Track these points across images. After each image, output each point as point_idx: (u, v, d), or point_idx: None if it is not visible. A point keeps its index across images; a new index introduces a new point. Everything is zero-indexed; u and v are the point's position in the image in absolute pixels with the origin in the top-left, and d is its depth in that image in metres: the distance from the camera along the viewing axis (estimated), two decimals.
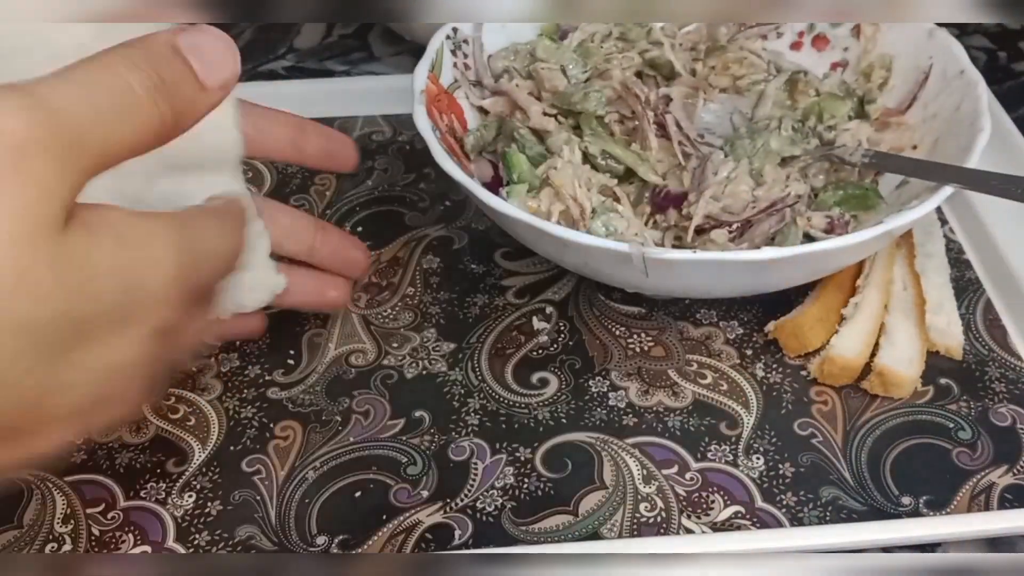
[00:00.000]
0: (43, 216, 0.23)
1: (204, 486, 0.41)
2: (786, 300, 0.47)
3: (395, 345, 0.47)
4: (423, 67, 0.49)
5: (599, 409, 0.43)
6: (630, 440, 0.42)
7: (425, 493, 0.40)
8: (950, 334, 0.45)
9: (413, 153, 0.58)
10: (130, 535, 0.39)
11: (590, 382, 0.45)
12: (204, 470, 0.41)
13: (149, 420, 0.43)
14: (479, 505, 0.40)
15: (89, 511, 0.40)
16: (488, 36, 0.53)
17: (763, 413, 0.43)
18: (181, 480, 0.41)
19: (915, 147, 0.50)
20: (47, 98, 0.23)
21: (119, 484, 0.41)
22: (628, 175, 0.48)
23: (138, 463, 0.41)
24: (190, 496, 0.40)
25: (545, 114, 0.49)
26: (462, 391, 0.45)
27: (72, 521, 0.39)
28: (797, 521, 0.39)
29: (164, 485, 0.41)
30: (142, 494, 0.40)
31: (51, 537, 0.39)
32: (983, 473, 0.40)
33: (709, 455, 0.42)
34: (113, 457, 0.42)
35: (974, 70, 0.48)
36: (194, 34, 0.27)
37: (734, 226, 0.44)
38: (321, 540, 0.39)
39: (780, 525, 0.39)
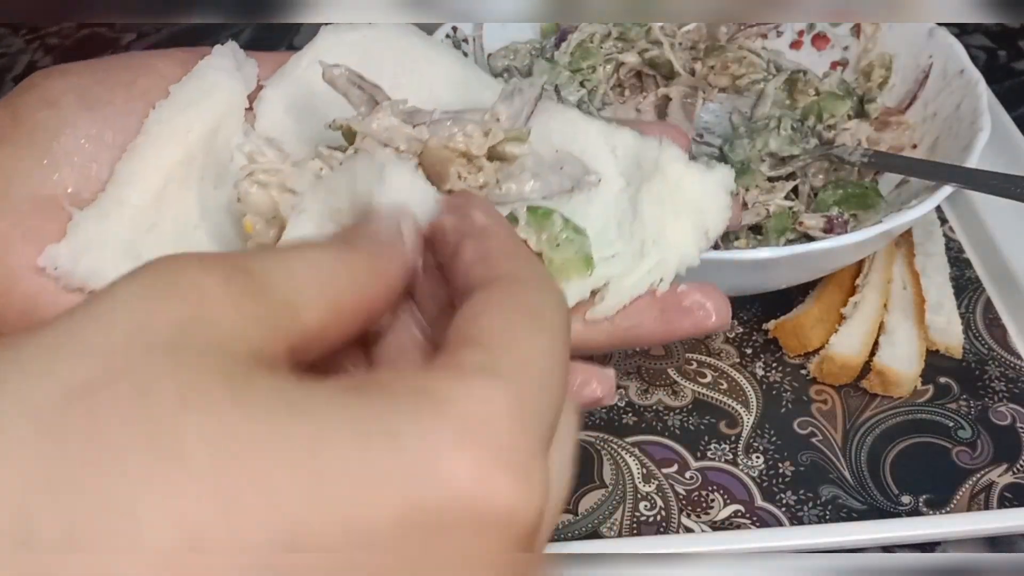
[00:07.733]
0: None
1: None
2: (786, 299, 0.47)
3: None
4: None
5: (599, 408, 0.43)
6: (630, 439, 0.42)
7: None
8: (950, 333, 0.45)
9: None
10: None
11: None
12: None
13: None
14: None
15: None
16: (488, 35, 0.53)
17: (763, 412, 0.43)
18: None
19: (915, 146, 0.50)
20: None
21: None
22: None
23: None
24: None
25: None
26: None
27: None
28: (797, 520, 0.39)
29: None
30: None
31: None
32: (983, 472, 0.40)
33: (709, 454, 0.42)
34: None
35: (974, 69, 0.48)
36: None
37: None
38: None
39: (780, 524, 0.39)
